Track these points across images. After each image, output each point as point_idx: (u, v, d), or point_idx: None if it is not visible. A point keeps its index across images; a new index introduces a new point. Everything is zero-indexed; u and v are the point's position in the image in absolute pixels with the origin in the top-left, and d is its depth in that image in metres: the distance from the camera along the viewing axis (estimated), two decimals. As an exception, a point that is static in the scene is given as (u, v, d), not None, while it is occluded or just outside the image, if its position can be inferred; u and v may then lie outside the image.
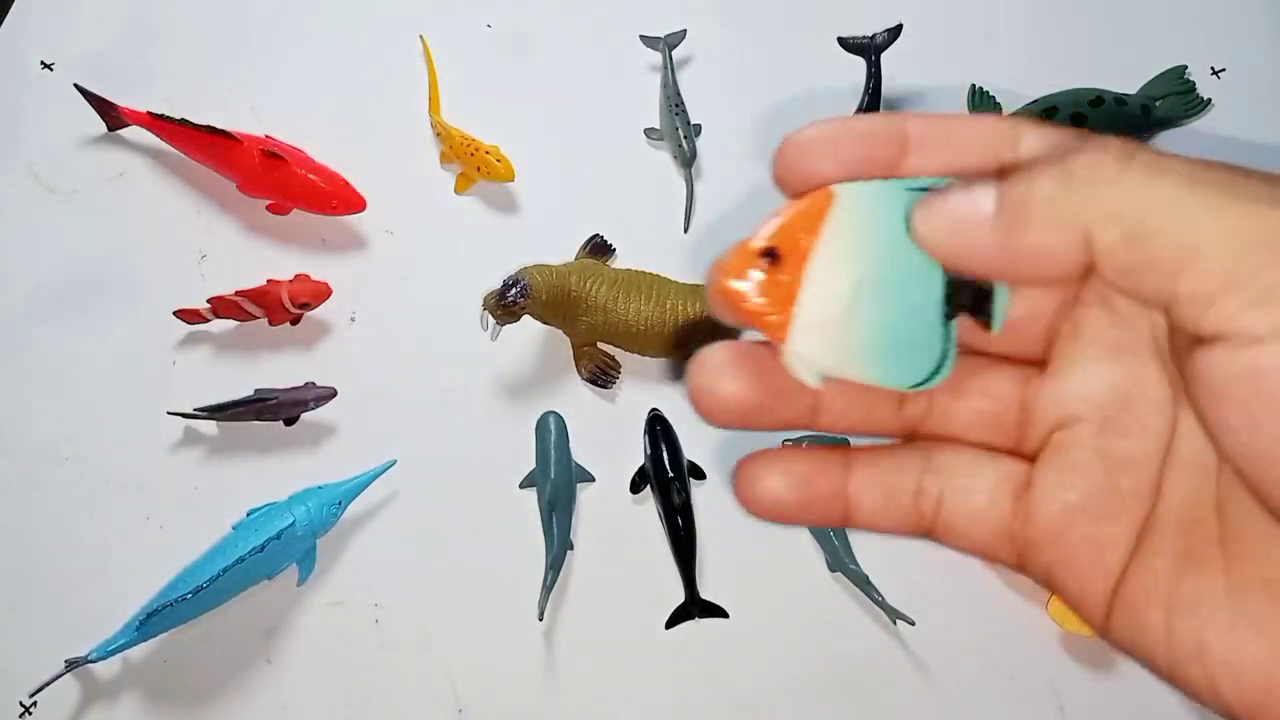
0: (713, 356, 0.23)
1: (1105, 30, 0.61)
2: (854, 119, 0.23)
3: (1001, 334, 0.23)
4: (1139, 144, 0.19)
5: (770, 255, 0.22)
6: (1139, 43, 0.60)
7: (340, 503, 0.50)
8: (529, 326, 0.53)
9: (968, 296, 0.23)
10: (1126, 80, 0.56)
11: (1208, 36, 0.59)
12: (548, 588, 0.50)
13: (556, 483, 0.52)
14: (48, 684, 0.48)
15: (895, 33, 0.56)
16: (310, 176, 0.55)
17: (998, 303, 0.23)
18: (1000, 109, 0.55)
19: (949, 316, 0.23)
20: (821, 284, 0.22)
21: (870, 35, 0.56)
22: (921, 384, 0.23)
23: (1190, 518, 0.22)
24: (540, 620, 0.50)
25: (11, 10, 0.62)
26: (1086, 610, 0.22)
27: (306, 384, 0.53)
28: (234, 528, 0.49)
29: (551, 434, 0.53)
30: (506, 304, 0.49)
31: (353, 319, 0.56)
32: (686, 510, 0.52)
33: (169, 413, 0.53)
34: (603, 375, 0.55)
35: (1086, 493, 0.23)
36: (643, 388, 0.55)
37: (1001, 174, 0.21)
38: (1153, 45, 0.59)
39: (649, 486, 0.53)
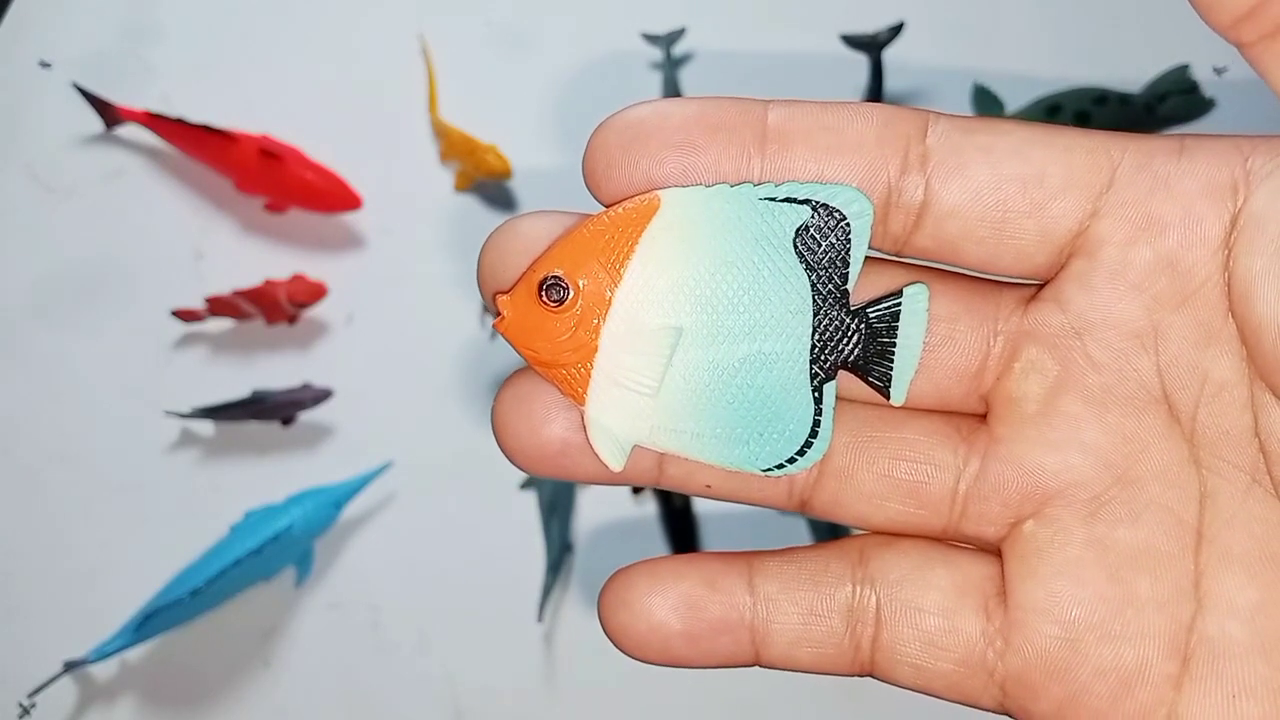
0: (519, 388, 0.17)
1: (1108, 29, 0.60)
2: (693, 99, 0.18)
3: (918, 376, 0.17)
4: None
5: (557, 286, 0.16)
6: (1141, 41, 0.59)
7: (338, 504, 0.50)
8: (528, 326, 0.53)
9: (853, 348, 0.16)
10: (1130, 79, 0.56)
11: (1210, 34, 0.59)
12: (547, 590, 0.50)
13: (556, 484, 0.51)
14: (46, 685, 0.48)
15: (898, 30, 0.55)
16: (307, 175, 0.55)
17: (900, 359, 0.17)
18: (1003, 108, 0.55)
19: (822, 378, 0.17)
20: (630, 326, 0.16)
21: (873, 33, 0.56)
22: (782, 466, 0.17)
23: (1264, 630, 0.16)
24: (540, 622, 0.50)
25: (10, 9, 0.61)
26: None
27: (303, 385, 0.53)
28: (231, 529, 0.49)
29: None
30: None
31: (350, 319, 0.56)
32: (687, 512, 0.51)
33: (167, 413, 0.53)
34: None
35: (1090, 606, 0.17)
36: (643, 388, 0.55)
37: (905, 169, 0.17)
38: (1155, 43, 0.58)
39: (649, 489, 0.52)
